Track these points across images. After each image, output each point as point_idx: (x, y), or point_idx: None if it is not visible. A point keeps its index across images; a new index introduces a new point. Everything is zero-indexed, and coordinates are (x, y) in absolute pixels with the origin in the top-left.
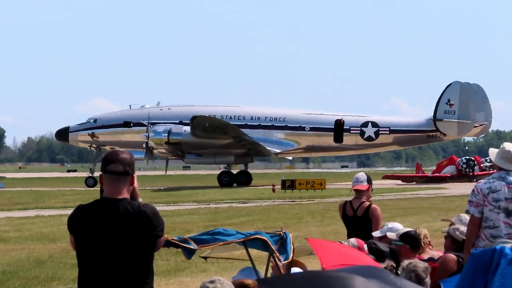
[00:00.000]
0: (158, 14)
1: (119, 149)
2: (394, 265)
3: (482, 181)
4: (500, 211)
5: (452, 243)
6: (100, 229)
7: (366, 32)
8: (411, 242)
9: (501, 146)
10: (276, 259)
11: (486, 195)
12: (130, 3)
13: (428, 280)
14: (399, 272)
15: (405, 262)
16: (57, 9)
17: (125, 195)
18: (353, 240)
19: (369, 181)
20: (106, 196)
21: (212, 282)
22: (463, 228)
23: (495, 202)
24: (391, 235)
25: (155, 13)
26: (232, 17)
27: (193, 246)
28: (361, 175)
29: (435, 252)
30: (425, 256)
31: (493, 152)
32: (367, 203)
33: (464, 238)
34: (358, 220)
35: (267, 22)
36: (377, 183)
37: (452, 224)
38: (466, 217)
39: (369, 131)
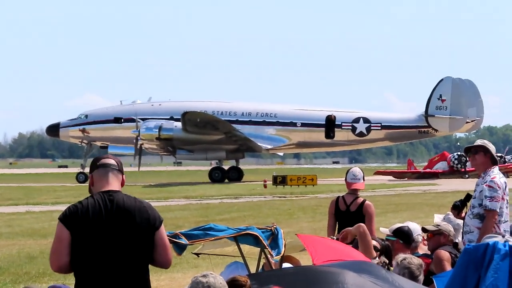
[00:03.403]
0: (149, 10)
1: None
2: (387, 261)
3: (496, 175)
4: (508, 205)
5: (438, 240)
6: (100, 221)
7: (359, 26)
8: (404, 238)
9: None
10: (268, 254)
11: (504, 190)
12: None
13: (421, 277)
14: (391, 267)
15: (400, 257)
16: (50, 5)
17: (119, 189)
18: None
19: (363, 177)
20: (102, 190)
21: (204, 276)
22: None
23: (506, 196)
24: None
25: (146, 9)
26: (224, 13)
27: (184, 241)
28: (358, 171)
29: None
30: (420, 251)
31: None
32: (361, 199)
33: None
34: (351, 215)
35: (258, 17)
36: (368, 179)
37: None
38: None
39: (361, 126)
